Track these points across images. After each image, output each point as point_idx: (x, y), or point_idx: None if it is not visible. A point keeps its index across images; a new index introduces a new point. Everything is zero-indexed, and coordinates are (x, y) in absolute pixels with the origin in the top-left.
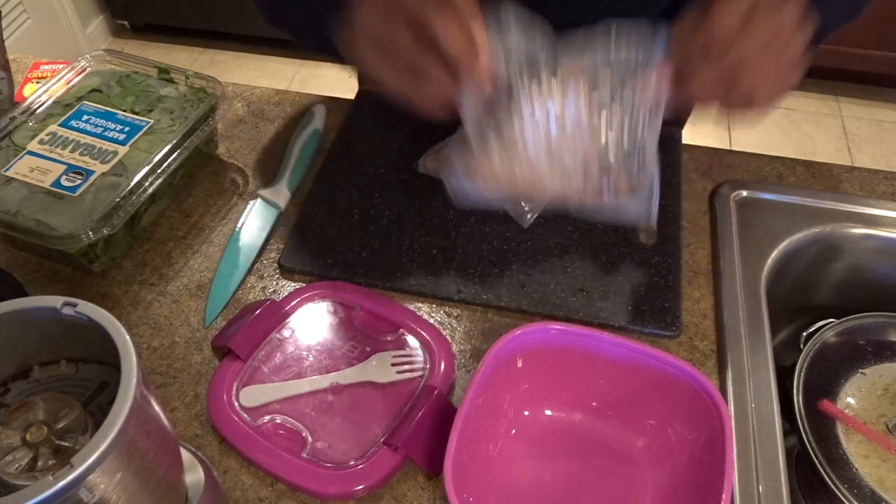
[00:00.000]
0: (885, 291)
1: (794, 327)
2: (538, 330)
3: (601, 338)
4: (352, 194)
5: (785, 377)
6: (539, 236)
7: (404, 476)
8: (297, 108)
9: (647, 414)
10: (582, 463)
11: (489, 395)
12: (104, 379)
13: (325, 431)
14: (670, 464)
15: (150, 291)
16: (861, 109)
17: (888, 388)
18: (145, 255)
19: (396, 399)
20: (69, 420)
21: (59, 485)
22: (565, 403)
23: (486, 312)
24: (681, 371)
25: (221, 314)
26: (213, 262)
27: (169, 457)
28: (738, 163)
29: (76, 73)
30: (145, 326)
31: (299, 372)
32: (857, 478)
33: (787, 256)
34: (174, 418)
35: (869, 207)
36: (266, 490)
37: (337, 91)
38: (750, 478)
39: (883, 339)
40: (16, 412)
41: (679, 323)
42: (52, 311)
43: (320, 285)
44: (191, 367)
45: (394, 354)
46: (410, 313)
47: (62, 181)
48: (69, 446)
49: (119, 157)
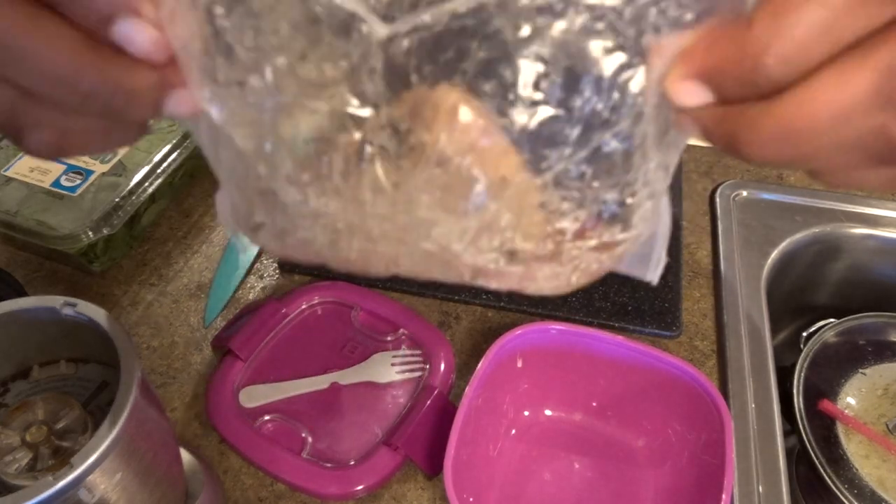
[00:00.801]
0: (885, 291)
1: (794, 327)
2: (538, 330)
3: (601, 338)
4: None
5: (785, 377)
6: None
7: (404, 476)
8: None
9: (647, 414)
10: (582, 463)
11: (489, 395)
12: (104, 379)
13: (325, 431)
14: (670, 464)
15: (150, 291)
16: None
17: (888, 388)
18: (145, 255)
19: (396, 399)
20: (69, 420)
21: (59, 485)
22: (565, 403)
23: (486, 312)
24: (681, 371)
25: (221, 314)
26: (213, 262)
27: (169, 457)
28: (738, 163)
29: None
30: (145, 326)
31: (299, 372)
32: (857, 478)
33: (787, 256)
34: (174, 418)
35: (869, 207)
36: (266, 490)
37: None
38: (750, 478)
39: (883, 339)
40: (16, 412)
41: (679, 323)
42: (52, 311)
43: (320, 285)
44: (191, 367)
45: (394, 354)
46: (410, 313)
47: (62, 181)
48: (69, 446)
49: (119, 157)
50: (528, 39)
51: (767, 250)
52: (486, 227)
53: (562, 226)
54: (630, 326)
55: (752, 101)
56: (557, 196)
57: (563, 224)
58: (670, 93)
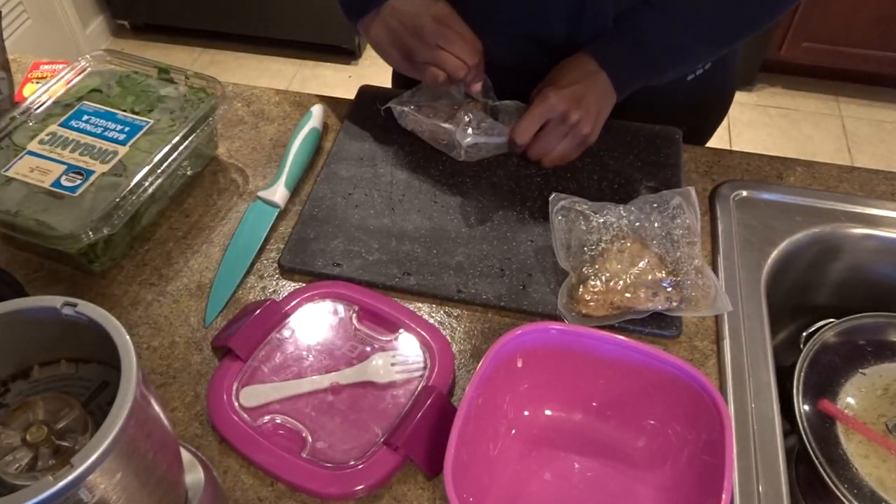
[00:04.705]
0: (885, 291)
1: (794, 327)
2: (538, 330)
3: (601, 338)
4: (351, 194)
5: (785, 377)
6: (540, 236)
7: (404, 476)
8: (296, 108)
9: (647, 414)
10: (582, 463)
11: (489, 395)
12: (104, 379)
13: (325, 431)
14: (670, 464)
15: (150, 291)
16: (861, 109)
17: (888, 388)
18: (145, 255)
19: (396, 399)
20: (69, 420)
21: (59, 485)
22: (565, 403)
23: (486, 312)
24: (681, 371)
25: (221, 314)
26: (213, 262)
27: (169, 457)
28: (738, 163)
29: (76, 73)
30: (145, 326)
31: (299, 372)
32: (856, 478)
33: (787, 256)
34: (174, 418)
35: (869, 207)
36: (266, 490)
37: (337, 91)
38: (750, 478)
39: (883, 339)
40: (16, 412)
41: (679, 323)
42: (52, 311)
43: (320, 285)
44: (191, 367)
45: (394, 354)
46: (410, 313)
47: (62, 181)
48: (69, 446)
49: (119, 157)
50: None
51: (767, 250)
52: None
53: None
54: (630, 326)
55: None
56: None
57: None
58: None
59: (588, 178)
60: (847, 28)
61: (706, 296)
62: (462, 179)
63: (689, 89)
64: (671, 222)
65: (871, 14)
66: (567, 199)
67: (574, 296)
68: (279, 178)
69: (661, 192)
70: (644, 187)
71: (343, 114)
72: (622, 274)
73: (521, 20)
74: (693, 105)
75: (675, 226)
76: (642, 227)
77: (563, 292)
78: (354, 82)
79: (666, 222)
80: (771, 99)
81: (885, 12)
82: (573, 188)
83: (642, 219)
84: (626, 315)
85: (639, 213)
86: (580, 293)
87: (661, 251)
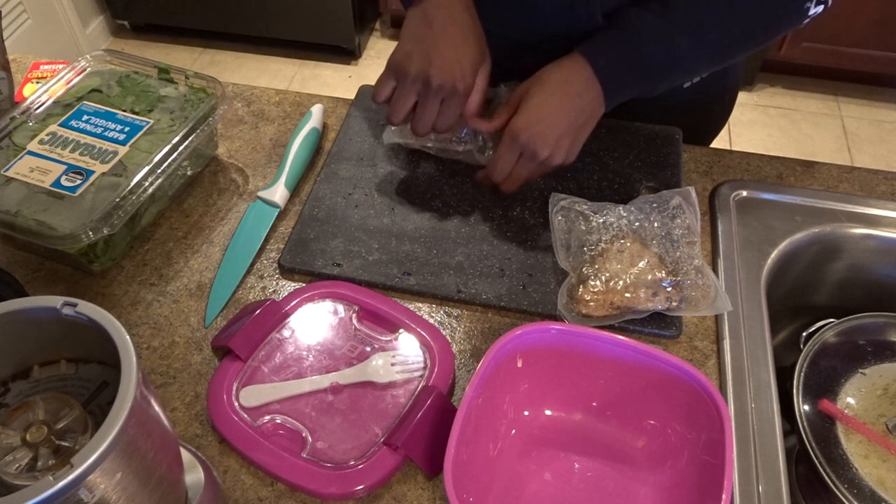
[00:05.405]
0: (885, 291)
1: (794, 327)
2: (538, 330)
3: (601, 338)
4: (351, 194)
5: (785, 377)
6: (540, 236)
7: (404, 476)
8: (296, 108)
9: (647, 414)
10: (582, 463)
11: (489, 394)
12: (104, 379)
13: (325, 431)
14: (670, 464)
15: (150, 291)
16: (861, 109)
17: (888, 388)
18: (145, 255)
19: (396, 399)
20: (69, 420)
21: (59, 485)
22: (565, 403)
23: (486, 312)
24: (681, 371)
25: (221, 314)
26: (213, 262)
27: (169, 457)
28: (738, 163)
29: (76, 73)
30: (145, 326)
31: (299, 372)
32: (856, 478)
33: (787, 256)
34: (174, 418)
35: (869, 207)
36: (266, 490)
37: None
38: (750, 478)
39: (883, 339)
40: (16, 412)
41: (679, 323)
42: (52, 311)
43: (320, 285)
44: (191, 367)
45: (394, 354)
46: (410, 313)
47: (62, 181)
48: (69, 446)
49: (119, 157)
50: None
51: (767, 250)
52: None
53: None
54: (630, 326)
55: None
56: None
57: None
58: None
59: (588, 178)
60: (847, 28)
61: (706, 296)
62: (462, 179)
63: (687, 95)
64: (671, 222)
65: (871, 14)
66: (567, 199)
67: (574, 296)
68: (279, 178)
69: (661, 192)
70: (644, 187)
71: (343, 114)
72: (622, 274)
73: (510, 19)
74: (691, 110)
75: (674, 226)
76: (642, 227)
77: (562, 292)
78: (354, 82)
79: (666, 222)
80: (771, 99)
81: (885, 12)
82: (573, 188)
83: (642, 219)
84: (626, 315)
85: (639, 213)
86: (580, 293)
87: (661, 251)
